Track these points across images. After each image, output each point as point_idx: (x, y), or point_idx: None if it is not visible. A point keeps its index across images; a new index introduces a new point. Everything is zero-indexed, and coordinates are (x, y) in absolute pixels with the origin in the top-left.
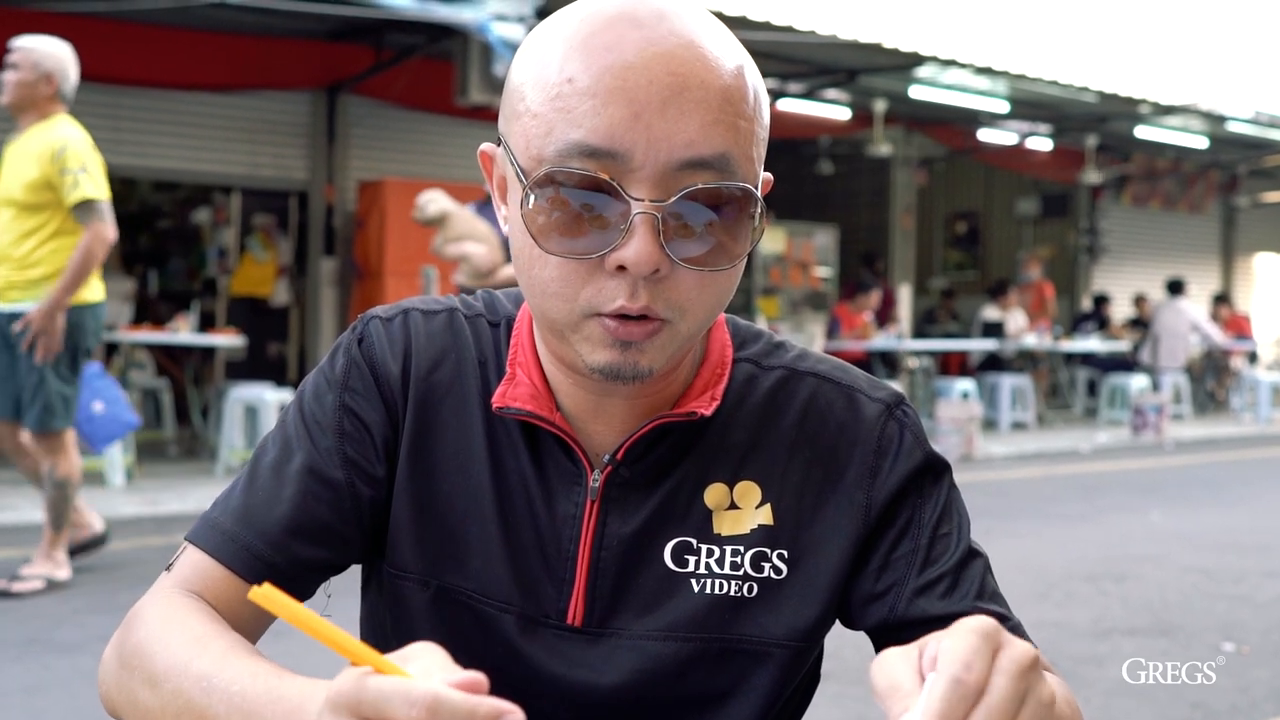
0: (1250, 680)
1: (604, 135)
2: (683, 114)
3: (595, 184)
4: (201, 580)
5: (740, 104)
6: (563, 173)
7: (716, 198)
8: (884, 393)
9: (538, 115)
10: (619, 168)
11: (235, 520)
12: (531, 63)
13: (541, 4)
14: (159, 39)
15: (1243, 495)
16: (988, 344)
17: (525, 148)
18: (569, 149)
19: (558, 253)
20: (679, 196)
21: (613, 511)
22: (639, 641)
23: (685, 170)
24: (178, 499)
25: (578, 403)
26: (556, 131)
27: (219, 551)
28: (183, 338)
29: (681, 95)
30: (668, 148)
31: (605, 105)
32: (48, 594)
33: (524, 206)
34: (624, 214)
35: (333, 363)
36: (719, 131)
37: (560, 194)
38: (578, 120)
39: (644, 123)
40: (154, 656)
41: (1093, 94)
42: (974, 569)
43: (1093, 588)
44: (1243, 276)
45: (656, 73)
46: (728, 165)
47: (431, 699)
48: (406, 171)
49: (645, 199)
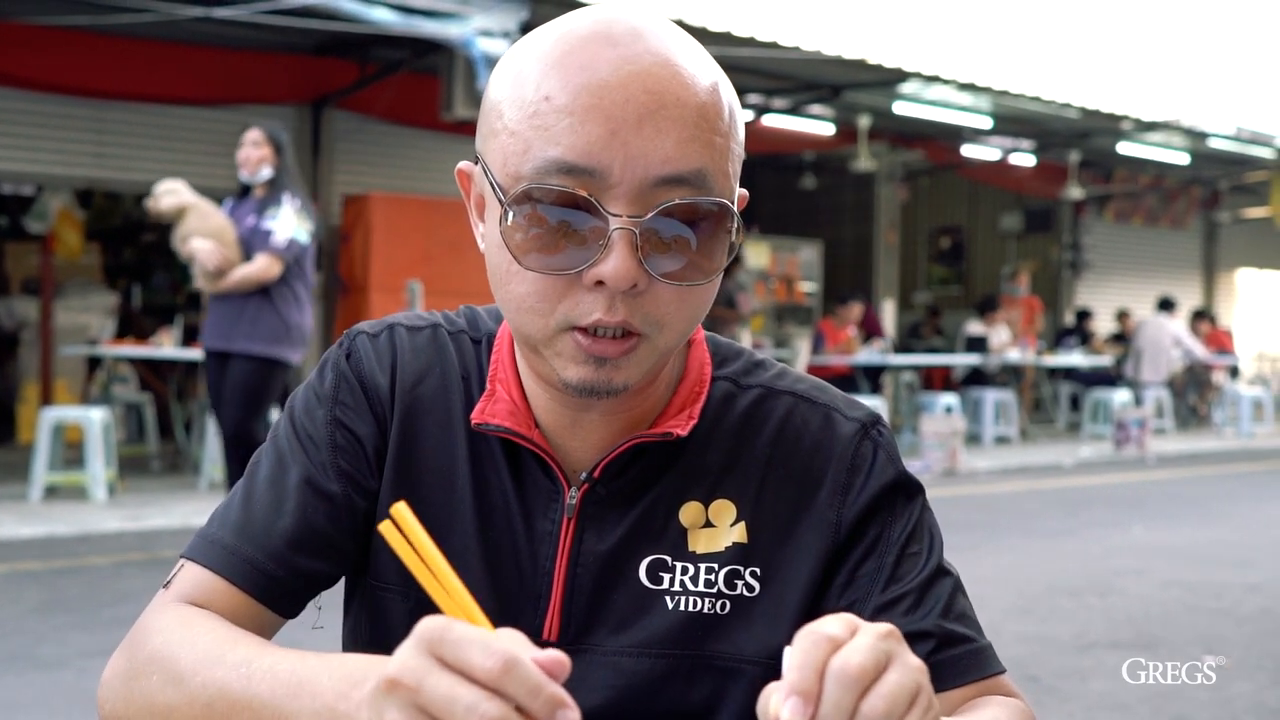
0: (1232, 693)
1: (581, 152)
2: (659, 131)
3: (573, 200)
4: (204, 596)
5: (716, 120)
6: (540, 189)
7: (693, 213)
8: (860, 412)
9: (515, 133)
10: (596, 184)
11: (235, 535)
12: (508, 81)
13: (526, 19)
14: (144, 53)
15: (1225, 509)
16: (971, 359)
17: (503, 165)
18: (547, 166)
19: (536, 268)
20: (656, 212)
21: (589, 529)
22: (613, 658)
23: (662, 186)
24: (161, 514)
25: (556, 419)
26: (534, 149)
27: (220, 566)
28: (166, 352)
29: (657, 113)
30: (644, 164)
31: (582, 123)
32: (29, 610)
33: (502, 223)
34: (601, 230)
35: (321, 378)
36: (695, 148)
37: (538, 210)
38: (555, 138)
39: (621, 140)
40: (177, 658)
41: (1075, 110)
42: (940, 588)
43: (1075, 602)
44: (1224, 292)
45: (633, 90)
46: (704, 181)
47: (510, 656)
48: (392, 186)
49: (623, 215)
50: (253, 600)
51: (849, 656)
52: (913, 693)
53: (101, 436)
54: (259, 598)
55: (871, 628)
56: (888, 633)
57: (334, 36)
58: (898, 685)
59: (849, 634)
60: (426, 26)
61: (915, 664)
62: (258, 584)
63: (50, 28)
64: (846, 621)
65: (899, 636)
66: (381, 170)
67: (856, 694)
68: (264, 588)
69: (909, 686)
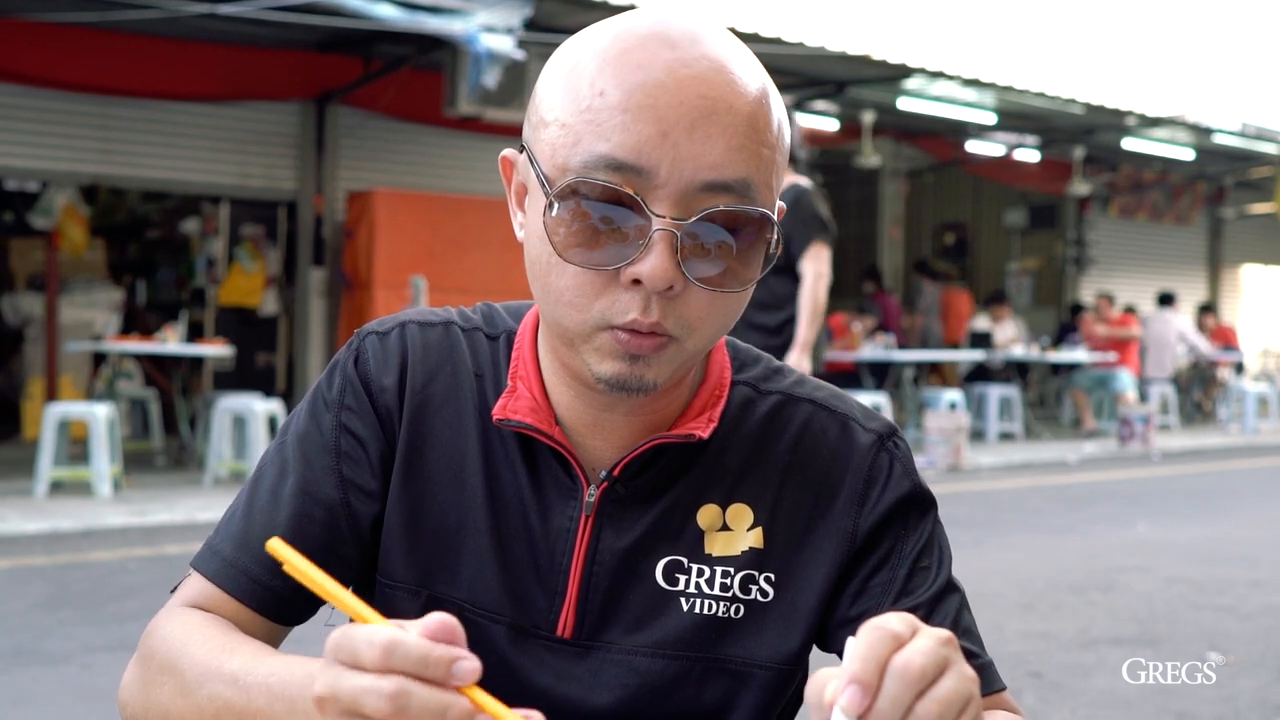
0: (1236, 690)
1: (631, 150)
2: (709, 137)
3: (618, 197)
4: (208, 606)
5: (765, 132)
6: (587, 184)
7: (735, 221)
8: (877, 423)
9: (566, 125)
10: (643, 183)
11: (234, 546)
12: (563, 74)
13: (529, 16)
14: (148, 49)
15: (1229, 506)
16: (975, 355)
17: (551, 156)
18: (595, 161)
19: (577, 262)
20: (699, 217)
21: (607, 526)
22: (627, 656)
23: (707, 192)
24: (166, 509)
25: (578, 417)
26: (584, 143)
27: (220, 578)
28: (171, 348)
29: (709, 118)
30: (692, 168)
31: (635, 121)
32: (34, 605)
33: (546, 215)
34: (644, 229)
35: (330, 382)
36: (743, 157)
37: (582, 205)
38: (606, 134)
39: (671, 141)
40: (182, 670)
41: (1080, 106)
42: (949, 604)
43: (1079, 598)
44: (1229, 287)
45: (687, 94)
46: (748, 190)
47: (389, 639)
48: (395, 182)
49: (666, 216)
50: (253, 612)
51: (911, 657)
52: (965, 700)
53: (106, 432)
54: (259, 610)
55: (932, 632)
56: (947, 639)
57: (338, 33)
58: (953, 691)
59: (911, 633)
60: (430, 22)
61: (969, 673)
62: (256, 596)
63: (55, 24)
64: (909, 621)
65: (955, 644)
66: (385, 166)
67: (914, 694)
68: (263, 600)
69: (963, 694)
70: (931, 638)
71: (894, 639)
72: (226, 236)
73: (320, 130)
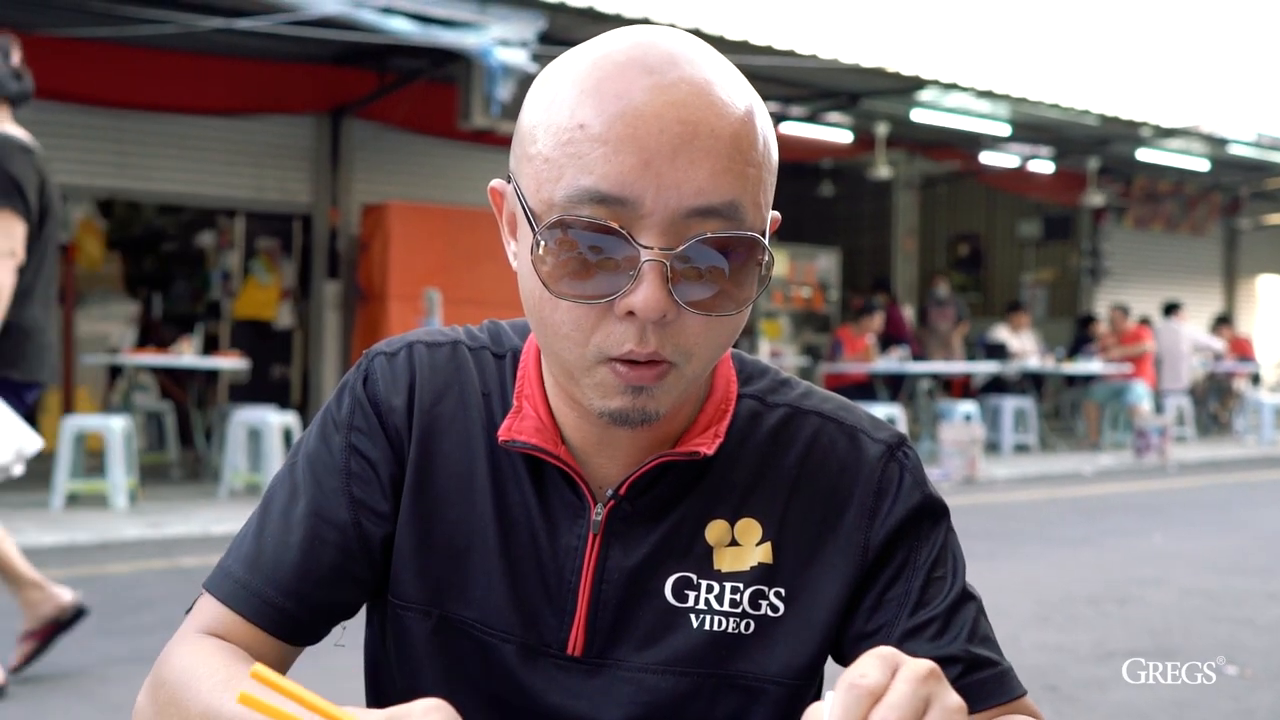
0: (1253, 703)
1: (614, 182)
2: (692, 162)
3: (605, 230)
4: (220, 629)
5: (749, 151)
6: (572, 218)
7: (725, 245)
8: (886, 434)
9: (549, 159)
10: (628, 214)
11: (247, 568)
12: (543, 105)
13: (543, 29)
14: (164, 63)
15: (1245, 517)
16: (990, 366)
17: (536, 190)
18: (579, 195)
19: (568, 296)
20: (687, 244)
21: (615, 544)
22: (637, 674)
23: (694, 218)
24: (181, 521)
25: (583, 437)
26: (567, 177)
27: (233, 600)
28: (186, 360)
29: (692, 143)
30: (677, 195)
31: (616, 152)
32: None
33: (534, 251)
34: (633, 260)
35: (339, 403)
36: (728, 180)
37: (570, 237)
38: (589, 166)
39: (654, 170)
40: (186, 705)
41: (1094, 117)
42: (966, 613)
43: (1095, 610)
44: (1245, 298)
45: (667, 120)
46: (736, 213)
47: None
48: (410, 195)
49: (654, 246)
50: (266, 635)
51: (887, 714)
52: None
53: (122, 445)
54: (272, 632)
55: (913, 670)
56: (929, 673)
57: (352, 46)
58: None
59: (890, 675)
60: (444, 36)
61: (954, 704)
62: (269, 619)
63: (72, 39)
64: (888, 661)
65: (939, 675)
66: (400, 179)
67: None
68: (276, 622)
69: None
70: (910, 680)
71: (870, 696)
72: (242, 249)
73: (335, 143)
